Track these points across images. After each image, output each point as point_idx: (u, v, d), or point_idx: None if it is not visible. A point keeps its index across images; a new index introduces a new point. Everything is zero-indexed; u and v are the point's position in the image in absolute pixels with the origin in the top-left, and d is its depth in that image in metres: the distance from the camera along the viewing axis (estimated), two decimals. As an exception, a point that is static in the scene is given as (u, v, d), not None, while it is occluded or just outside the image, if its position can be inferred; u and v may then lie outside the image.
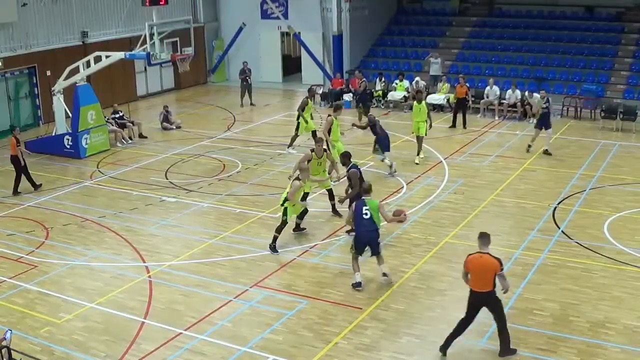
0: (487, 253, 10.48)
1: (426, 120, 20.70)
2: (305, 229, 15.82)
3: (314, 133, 21.86)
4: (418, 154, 20.74)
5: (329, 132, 18.87)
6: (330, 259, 14.47)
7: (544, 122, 21.20)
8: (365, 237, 13.01)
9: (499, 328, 10.72)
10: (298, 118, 22.30)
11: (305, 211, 15.60)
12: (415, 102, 21.03)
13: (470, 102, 26.35)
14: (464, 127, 24.83)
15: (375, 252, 13.13)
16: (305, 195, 15.61)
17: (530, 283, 13.15)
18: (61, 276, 14.07)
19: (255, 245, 15.23)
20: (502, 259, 13.98)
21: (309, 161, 15.88)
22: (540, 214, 16.42)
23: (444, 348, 10.85)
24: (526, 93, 25.40)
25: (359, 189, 14.28)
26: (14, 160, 19.01)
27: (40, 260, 14.83)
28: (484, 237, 10.59)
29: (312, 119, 22.74)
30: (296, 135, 22.31)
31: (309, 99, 22.86)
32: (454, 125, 24.95)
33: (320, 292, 13.02)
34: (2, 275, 14.09)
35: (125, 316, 12.37)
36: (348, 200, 15.36)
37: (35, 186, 19.30)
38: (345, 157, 15.82)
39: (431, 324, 11.86)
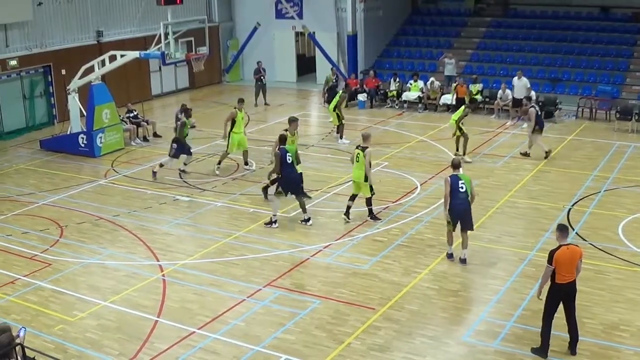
0: (570, 243, 10.62)
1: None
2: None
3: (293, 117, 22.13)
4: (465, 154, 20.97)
5: (233, 123, 19.79)
6: (344, 259, 14.46)
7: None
8: (461, 210, 13.88)
9: (570, 324, 10.73)
10: (334, 110, 23.46)
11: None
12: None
13: (478, 103, 26.59)
14: None
15: (469, 226, 14.06)
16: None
17: (544, 285, 13.07)
18: (75, 274, 14.13)
19: (268, 244, 15.24)
20: (516, 260, 14.15)
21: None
22: (554, 215, 16.34)
23: (544, 353, 10.74)
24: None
25: (278, 169, 15.93)
26: None
27: (54, 258, 14.91)
28: (565, 230, 10.67)
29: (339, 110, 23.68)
30: (341, 125, 23.50)
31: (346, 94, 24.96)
32: None
33: (333, 292, 13.01)
34: (17, 273, 14.17)
35: (138, 314, 12.41)
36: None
37: None
38: (280, 139, 16.43)
39: (444, 325, 11.83)
